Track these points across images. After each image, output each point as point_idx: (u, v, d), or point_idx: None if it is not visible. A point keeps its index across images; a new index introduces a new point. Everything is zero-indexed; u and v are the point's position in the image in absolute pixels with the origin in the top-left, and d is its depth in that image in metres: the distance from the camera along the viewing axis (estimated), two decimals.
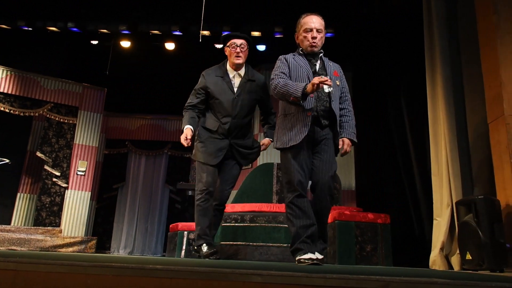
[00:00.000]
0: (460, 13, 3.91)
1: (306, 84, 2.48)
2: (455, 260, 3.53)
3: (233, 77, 3.22)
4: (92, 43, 7.24)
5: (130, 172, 8.35)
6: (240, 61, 3.16)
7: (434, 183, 3.84)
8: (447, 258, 3.62)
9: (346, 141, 2.72)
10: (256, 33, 6.49)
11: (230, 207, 4.49)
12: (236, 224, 4.32)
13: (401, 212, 4.85)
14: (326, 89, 2.56)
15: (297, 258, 2.51)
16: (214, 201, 3.27)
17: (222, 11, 6.27)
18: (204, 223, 3.15)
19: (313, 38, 2.72)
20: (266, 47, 6.75)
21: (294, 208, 2.56)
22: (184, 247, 4.46)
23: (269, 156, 6.29)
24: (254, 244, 4.22)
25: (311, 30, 2.73)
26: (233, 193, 5.89)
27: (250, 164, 6.39)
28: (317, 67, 2.75)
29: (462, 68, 3.84)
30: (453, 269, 3.55)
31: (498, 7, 3.42)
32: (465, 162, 3.68)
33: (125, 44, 7.21)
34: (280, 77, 2.68)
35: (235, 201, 4.98)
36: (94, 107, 7.42)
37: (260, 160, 6.25)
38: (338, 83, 2.74)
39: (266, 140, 3.47)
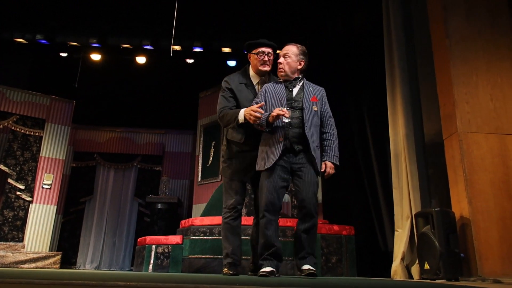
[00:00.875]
0: (417, 36, 4.16)
1: (269, 114, 2.69)
2: (414, 270, 3.69)
3: (257, 83, 3.15)
4: (61, 55, 7.15)
5: (98, 185, 8.21)
6: (267, 69, 3.11)
7: (395, 196, 4.02)
8: (407, 268, 3.78)
9: (329, 164, 2.85)
10: (226, 49, 6.62)
11: (199, 220, 4.51)
12: (205, 237, 4.35)
13: (365, 224, 5.01)
14: (285, 119, 2.69)
15: (259, 272, 2.71)
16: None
17: (193, 27, 6.36)
18: (234, 242, 2.97)
19: (279, 63, 2.92)
20: (236, 63, 6.88)
21: (261, 228, 2.76)
22: (152, 261, 4.44)
23: None
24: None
25: (279, 58, 2.93)
26: (202, 206, 5.92)
27: (220, 177, 6.47)
28: (294, 93, 2.89)
29: (420, 87, 4.08)
30: (413, 278, 3.70)
31: (450, 32, 3.67)
32: (423, 176, 3.88)
33: (95, 57, 7.17)
34: None
35: (204, 214, 5.01)
36: (61, 119, 7.29)
37: None
38: (315, 109, 2.86)
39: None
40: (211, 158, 6.77)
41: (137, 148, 8.34)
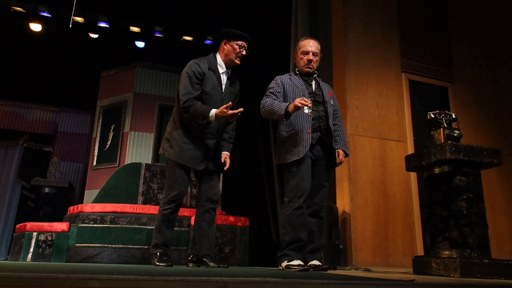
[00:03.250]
0: (321, 42, 4.41)
1: (289, 104, 2.68)
2: None
3: (222, 73, 3.05)
4: None
5: None
6: (239, 63, 3.08)
7: None
8: None
9: (341, 152, 2.96)
10: (135, 29, 6.29)
11: (90, 207, 4.26)
12: (95, 225, 4.12)
13: (261, 216, 5.21)
14: (306, 110, 2.75)
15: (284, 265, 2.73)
16: (207, 204, 2.98)
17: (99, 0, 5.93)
18: (167, 234, 2.92)
19: (309, 61, 2.93)
20: (145, 45, 6.59)
21: (292, 218, 2.72)
22: (32, 250, 4.07)
23: (138, 155, 6.13)
24: (113, 246, 4.09)
25: (308, 53, 2.94)
26: (95, 192, 5.60)
27: (118, 163, 6.18)
28: (313, 87, 2.97)
29: None
30: None
31: (348, 41, 3.97)
32: None
33: None
34: (268, 97, 2.91)
35: (96, 200, 4.74)
36: None
37: (128, 159, 6.06)
38: (332, 103, 2.98)
39: (227, 155, 3.11)
40: (109, 142, 6.41)
41: (24, 124, 7.51)
